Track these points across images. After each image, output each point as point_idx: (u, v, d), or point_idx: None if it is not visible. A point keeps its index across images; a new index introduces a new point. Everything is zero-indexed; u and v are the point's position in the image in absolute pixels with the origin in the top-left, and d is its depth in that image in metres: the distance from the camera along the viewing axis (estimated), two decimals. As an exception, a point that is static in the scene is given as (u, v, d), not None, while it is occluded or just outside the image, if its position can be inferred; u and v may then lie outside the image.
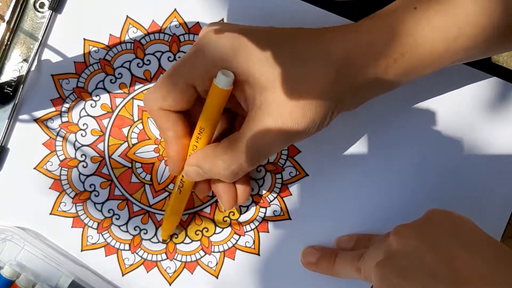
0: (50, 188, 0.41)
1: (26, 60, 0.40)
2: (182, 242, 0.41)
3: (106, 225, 0.40)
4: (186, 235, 0.41)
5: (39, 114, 0.41)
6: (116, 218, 0.40)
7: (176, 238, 0.41)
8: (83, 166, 0.41)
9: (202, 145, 0.35)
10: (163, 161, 0.41)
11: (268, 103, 0.32)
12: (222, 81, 0.32)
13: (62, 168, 0.41)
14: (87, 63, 0.41)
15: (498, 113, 0.40)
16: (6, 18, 0.40)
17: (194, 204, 0.41)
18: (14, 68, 0.40)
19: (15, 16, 0.40)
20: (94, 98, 0.41)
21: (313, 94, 0.31)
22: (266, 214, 0.41)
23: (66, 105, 0.41)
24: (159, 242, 0.40)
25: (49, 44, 0.41)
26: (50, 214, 0.41)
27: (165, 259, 0.40)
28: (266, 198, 0.41)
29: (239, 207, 0.41)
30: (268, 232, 0.41)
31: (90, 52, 0.41)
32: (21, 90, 0.40)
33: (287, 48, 0.32)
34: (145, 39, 0.41)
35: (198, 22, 0.40)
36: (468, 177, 0.40)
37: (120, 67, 0.41)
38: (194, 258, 0.40)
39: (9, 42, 0.40)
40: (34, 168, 0.41)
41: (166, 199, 0.41)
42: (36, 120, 0.41)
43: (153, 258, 0.40)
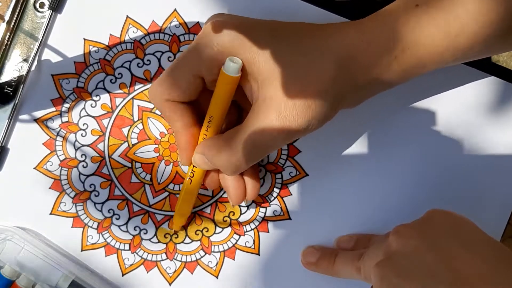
0: (50, 188, 0.41)
1: (26, 60, 0.40)
2: (182, 242, 0.41)
3: (106, 225, 0.40)
4: (186, 235, 0.41)
5: (39, 114, 0.41)
6: (116, 218, 0.40)
7: (176, 238, 0.41)
8: (83, 166, 0.41)
9: (211, 134, 0.35)
10: (163, 161, 0.41)
11: (270, 97, 0.32)
12: (231, 68, 0.32)
13: (62, 168, 0.41)
14: (87, 63, 0.41)
15: (498, 113, 0.40)
16: (6, 18, 0.40)
17: (194, 204, 0.41)
18: (14, 68, 0.40)
19: (15, 16, 0.40)
20: (94, 98, 0.41)
21: (314, 88, 0.32)
22: (266, 214, 0.41)
23: (66, 105, 0.41)
24: (159, 242, 0.40)
25: (49, 44, 0.41)
26: (50, 214, 0.41)
27: (165, 259, 0.40)
28: (266, 198, 0.41)
29: (240, 207, 0.41)
30: (268, 232, 0.41)
31: (90, 52, 0.41)
32: (21, 90, 0.40)
33: (291, 41, 0.32)
34: (145, 39, 0.41)
35: (198, 22, 0.40)
36: (468, 177, 0.40)
37: (120, 67, 0.41)
38: (194, 258, 0.40)
39: (9, 42, 0.40)
40: (34, 168, 0.41)
41: (180, 192, 0.41)
42: (36, 120, 0.41)
43: (153, 258, 0.40)
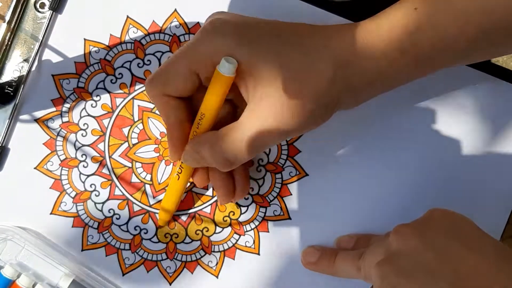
0: (50, 188, 0.41)
1: (26, 60, 0.40)
2: (182, 241, 0.41)
3: (106, 224, 0.41)
4: (186, 235, 0.41)
5: (40, 114, 0.41)
6: (116, 218, 0.41)
7: (176, 237, 0.41)
8: (84, 166, 0.41)
9: (202, 131, 0.35)
10: (164, 161, 0.41)
11: (266, 96, 0.32)
12: (225, 68, 0.32)
13: (63, 168, 0.41)
14: (88, 63, 0.41)
15: (498, 113, 0.40)
16: (7, 18, 0.40)
17: (194, 204, 0.41)
18: (14, 68, 0.40)
19: (16, 16, 0.40)
20: (94, 98, 0.41)
21: (311, 89, 0.32)
22: (266, 213, 0.41)
23: (67, 105, 0.41)
24: (159, 242, 0.40)
25: (49, 44, 0.41)
26: (51, 214, 0.41)
27: (165, 259, 0.40)
28: (266, 198, 0.41)
29: (240, 207, 0.41)
30: (268, 232, 0.41)
31: (90, 52, 0.41)
32: (21, 90, 0.40)
33: (289, 42, 0.32)
34: (145, 39, 0.41)
35: (198, 22, 0.41)
36: (468, 177, 0.40)
37: (120, 67, 0.41)
38: (194, 258, 0.41)
39: (9, 43, 0.40)
40: (35, 168, 0.41)
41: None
42: (36, 120, 0.41)
43: (153, 257, 0.40)
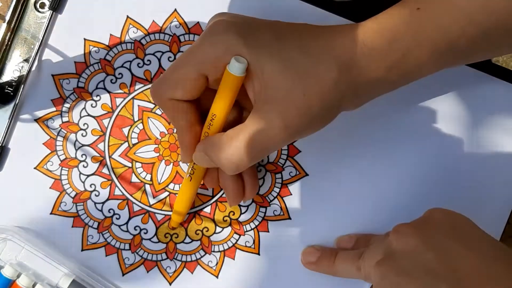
0: (50, 188, 0.41)
1: (26, 60, 0.40)
2: (182, 241, 0.41)
3: (106, 224, 0.41)
4: (186, 235, 0.41)
5: (40, 114, 0.41)
6: (116, 218, 0.41)
7: (176, 237, 0.41)
8: (84, 166, 0.41)
9: (213, 132, 0.34)
10: (163, 161, 0.41)
11: (272, 98, 0.32)
12: (236, 67, 0.31)
13: (63, 168, 0.41)
14: (88, 63, 0.41)
15: (498, 113, 0.40)
16: (7, 18, 0.40)
17: (194, 204, 0.41)
18: (14, 68, 0.40)
19: (16, 16, 0.40)
20: (94, 98, 0.41)
21: (316, 90, 0.31)
22: (266, 213, 0.41)
23: (67, 105, 0.41)
24: (159, 242, 0.40)
25: (49, 44, 0.41)
26: (51, 213, 0.41)
27: (165, 259, 0.40)
28: (266, 198, 0.41)
29: (240, 207, 0.41)
30: (268, 231, 0.41)
31: (90, 52, 0.41)
32: (21, 90, 0.40)
33: (293, 42, 0.32)
34: (145, 39, 0.41)
35: (198, 22, 0.41)
36: (468, 176, 0.40)
37: (120, 67, 0.41)
38: (194, 258, 0.41)
39: (9, 42, 0.40)
40: (35, 168, 0.41)
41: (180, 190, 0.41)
42: (36, 120, 0.41)
43: (153, 257, 0.40)
